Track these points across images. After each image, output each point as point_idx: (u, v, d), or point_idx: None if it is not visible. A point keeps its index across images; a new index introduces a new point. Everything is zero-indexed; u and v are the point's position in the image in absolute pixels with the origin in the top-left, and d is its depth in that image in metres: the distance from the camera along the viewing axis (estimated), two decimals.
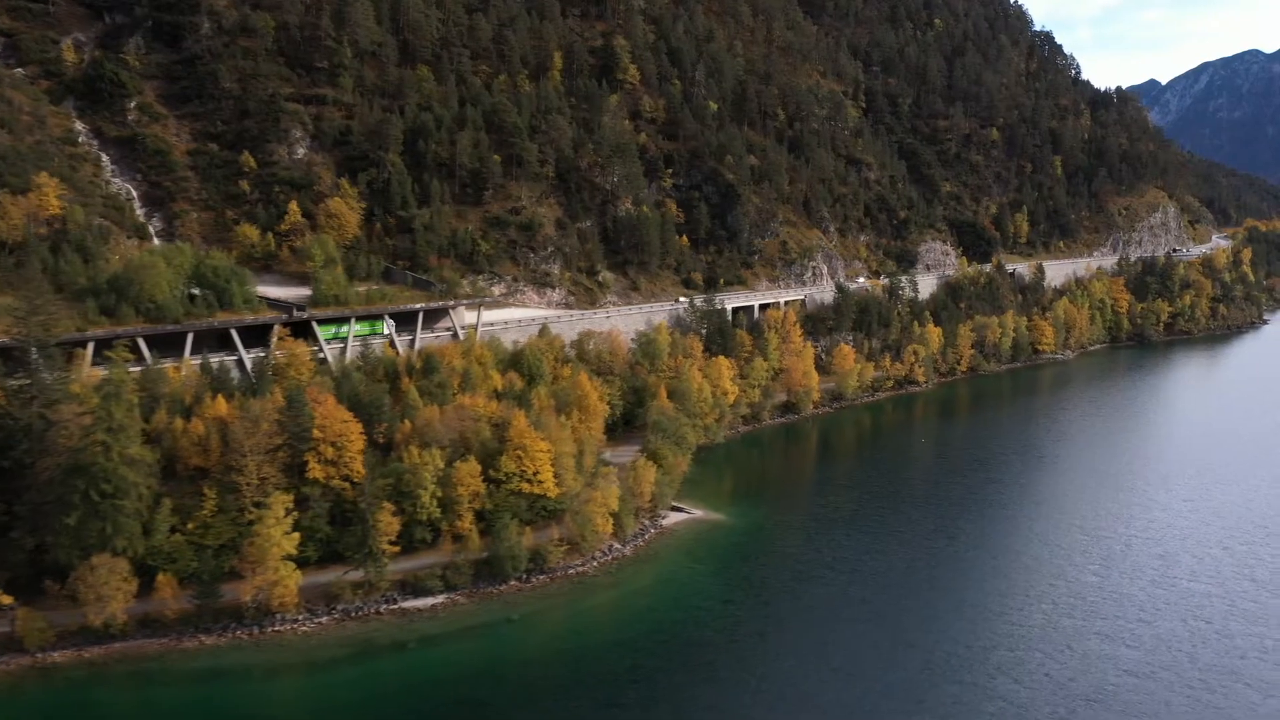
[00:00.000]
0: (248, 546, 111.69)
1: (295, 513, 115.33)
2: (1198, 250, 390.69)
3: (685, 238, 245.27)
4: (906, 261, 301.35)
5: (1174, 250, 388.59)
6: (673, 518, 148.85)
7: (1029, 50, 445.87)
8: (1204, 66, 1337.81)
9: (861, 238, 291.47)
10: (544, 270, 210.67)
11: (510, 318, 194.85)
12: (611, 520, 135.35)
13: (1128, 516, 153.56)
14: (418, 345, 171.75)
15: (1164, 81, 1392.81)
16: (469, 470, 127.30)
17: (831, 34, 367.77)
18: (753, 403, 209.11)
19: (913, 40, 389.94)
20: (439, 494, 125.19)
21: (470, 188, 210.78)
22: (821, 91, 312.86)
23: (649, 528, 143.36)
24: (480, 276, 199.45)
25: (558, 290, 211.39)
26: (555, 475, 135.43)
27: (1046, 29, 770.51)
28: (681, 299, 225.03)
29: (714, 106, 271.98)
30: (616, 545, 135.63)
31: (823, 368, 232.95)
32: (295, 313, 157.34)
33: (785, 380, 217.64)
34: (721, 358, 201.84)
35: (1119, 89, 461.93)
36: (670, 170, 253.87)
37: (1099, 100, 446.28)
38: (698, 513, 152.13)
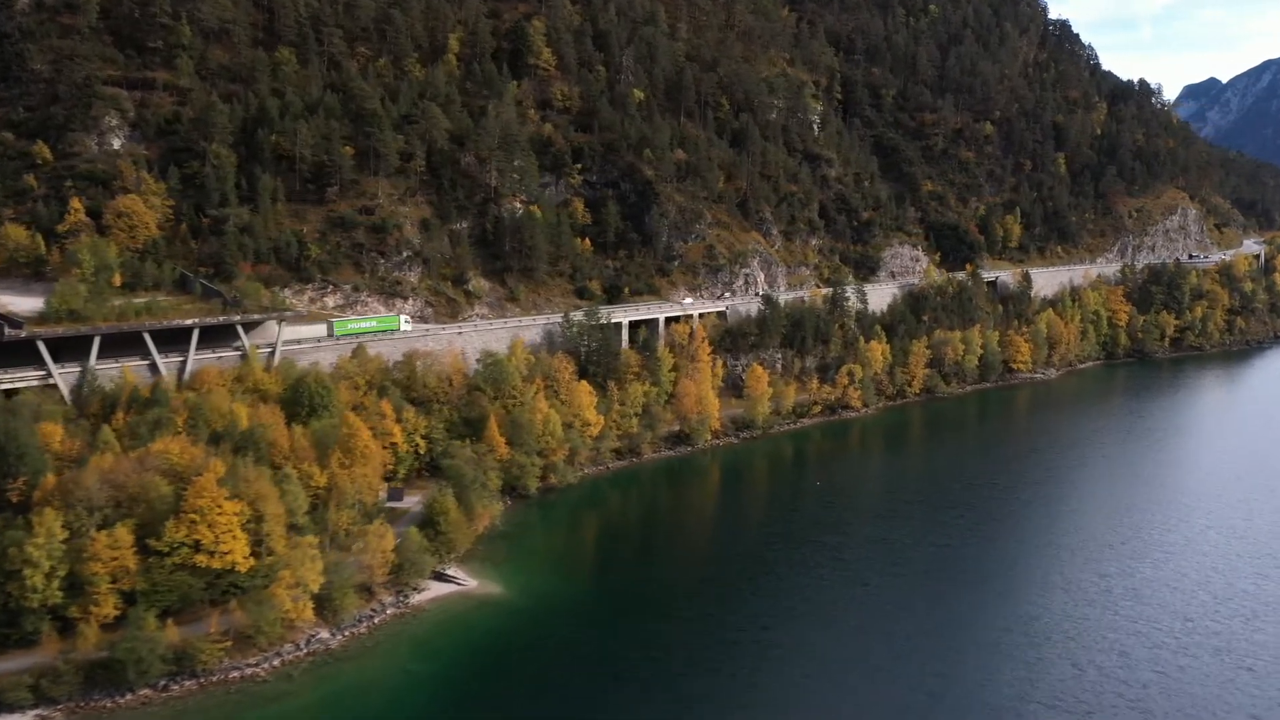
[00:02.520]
0: None
1: None
2: (1217, 257, 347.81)
3: (587, 241, 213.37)
4: (867, 268, 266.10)
5: (1190, 256, 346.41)
6: (432, 591, 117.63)
7: (1041, 40, 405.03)
8: (1265, 65, 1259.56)
9: (813, 241, 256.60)
10: (396, 278, 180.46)
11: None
12: (313, 603, 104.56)
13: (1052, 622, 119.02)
14: (190, 369, 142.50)
15: (1224, 80, 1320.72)
16: (113, 540, 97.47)
17: (810, 20, 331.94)
18: (630, 434, 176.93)
19: (903, 27, 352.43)
20: (63, 571, 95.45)
21: (313, 184, 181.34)
22: (779, 81, 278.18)
23: (387, 607, 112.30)
24: (310, 286, 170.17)
25: (412, 301, 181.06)
26: (258, 544, 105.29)
27: (1063, 18, 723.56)
28: (575, 312, 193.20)
29: (640, 95, 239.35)
30: (323, 634, 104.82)
31: (739, 391, 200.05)
32: (8, 331, 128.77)
33: (676, 407, 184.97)
34: (582, 382, 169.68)
35: (1141, 81, 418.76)
36: (579, 165, 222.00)
37: (1118, 94, 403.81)
38: (471, 584, 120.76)
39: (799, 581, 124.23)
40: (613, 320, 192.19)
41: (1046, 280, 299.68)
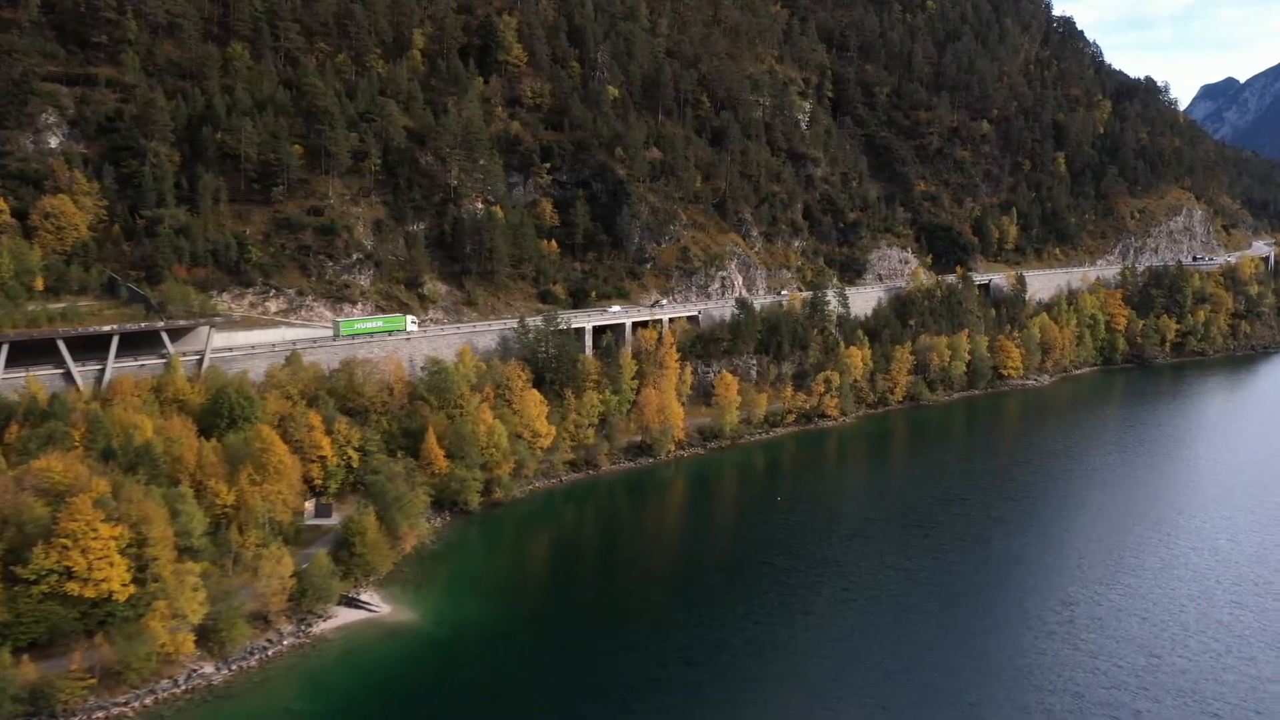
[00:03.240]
0: None
1: None
2: (1222, 259, 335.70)
3: (553, 243, 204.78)
4: (853, 271, 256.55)
5: (1194, 258, 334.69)
6: (339, 619, 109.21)
7: (1044, 37, 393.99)
8: None
9: (795, 243, 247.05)
10: (344, 282, 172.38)
11: (281, 340, 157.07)
12: (196, 634, 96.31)
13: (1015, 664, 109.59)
14: (109, 378, 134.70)
15: (1242, 80, 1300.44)
16: None
17: (802, 16, 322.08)
18: (587, 445, 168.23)
19: (899, 23, 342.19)
20: None
21: (259, 184, 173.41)
22: (764, 78, 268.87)
23: (285, 638, 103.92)
24: (250, 290, 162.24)
25: (361, 306, 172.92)
26: (142, 569, 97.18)
27: (1067, 14, 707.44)
28: (532, 317, 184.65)
29: (614, 92, 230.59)
30: (207, 669, 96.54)
31: (710, 399, 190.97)
32: None
33: (638, 416, 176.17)
34: (533, 391, 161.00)
35: (1147, 78, 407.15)
36: (548, 165, 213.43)
37: (1123, 92, 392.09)
38: (384, 610, 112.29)
39: (734, 610, 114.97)
40: (574, 325, 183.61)
41: (1043, 283, 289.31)
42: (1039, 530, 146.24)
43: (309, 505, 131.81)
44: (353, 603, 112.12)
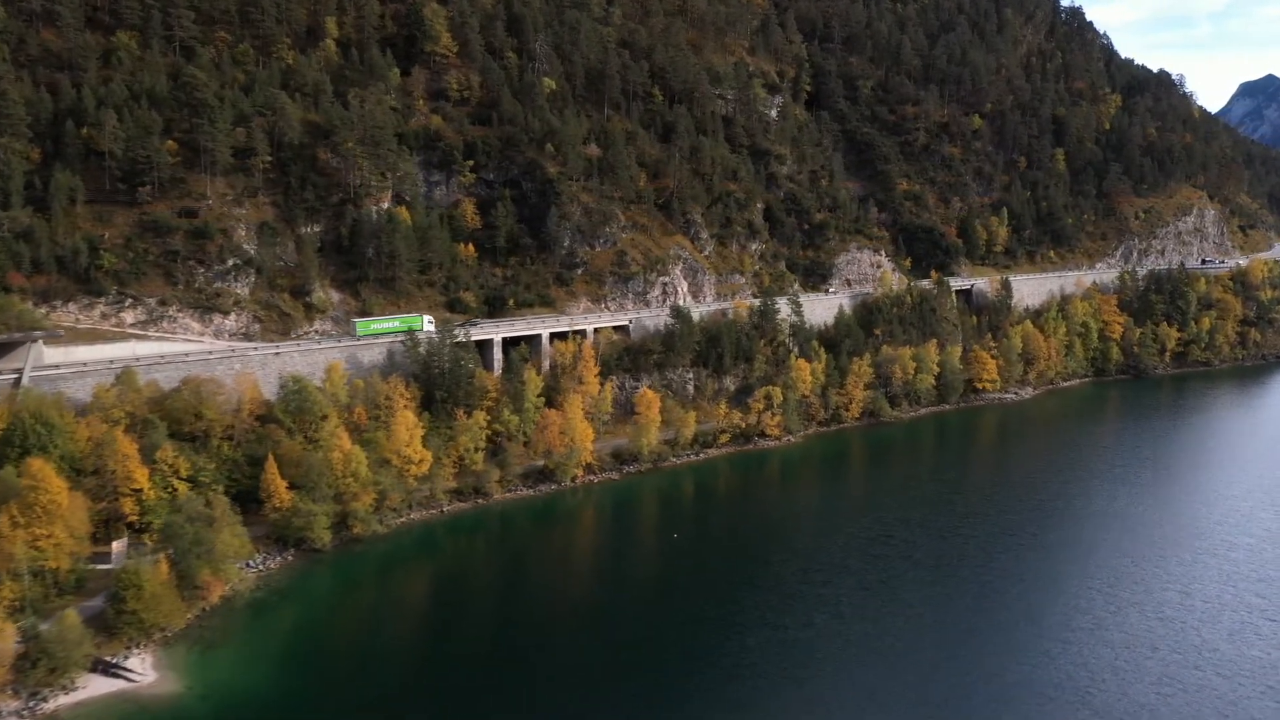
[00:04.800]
0: None
1: None
2: (1234, 261, 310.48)
3: (469, 246, 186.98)
4: (818, 276, 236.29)
5: (1203, 261, 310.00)
6: (87, 691, 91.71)
7: (1050, 29, 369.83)
8: None
9: (753, 247, 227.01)
10: (216, 290, 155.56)
11: (132, 355, 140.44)
12: None
13: None
14: None
15: None
16: None
17: (783, 6, 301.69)
18: (477, 471, 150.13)
19: (888, 13, 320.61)
20: None
21: (125, 183, 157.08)
22: (726, 70, 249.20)
23: (6, 717, 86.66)
24: (102, 300, 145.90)
25: (235, 316, 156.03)
26: None
27: (1076, 4, 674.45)
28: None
29: (551, 85, 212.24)
30: None
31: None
32: None
33: (539, 438, 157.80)
34: (406, 412, 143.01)
35: (1160, 71, 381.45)
36: (471, 162, 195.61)
37: (1134, 86, 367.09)
38: (147, 678, 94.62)
39: (565, 681, 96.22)
40: (478, 337, 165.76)
41: (1033, 288, 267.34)
42: (959, 582, 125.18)
43: (117, 546, 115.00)
44: (111, 670, 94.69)
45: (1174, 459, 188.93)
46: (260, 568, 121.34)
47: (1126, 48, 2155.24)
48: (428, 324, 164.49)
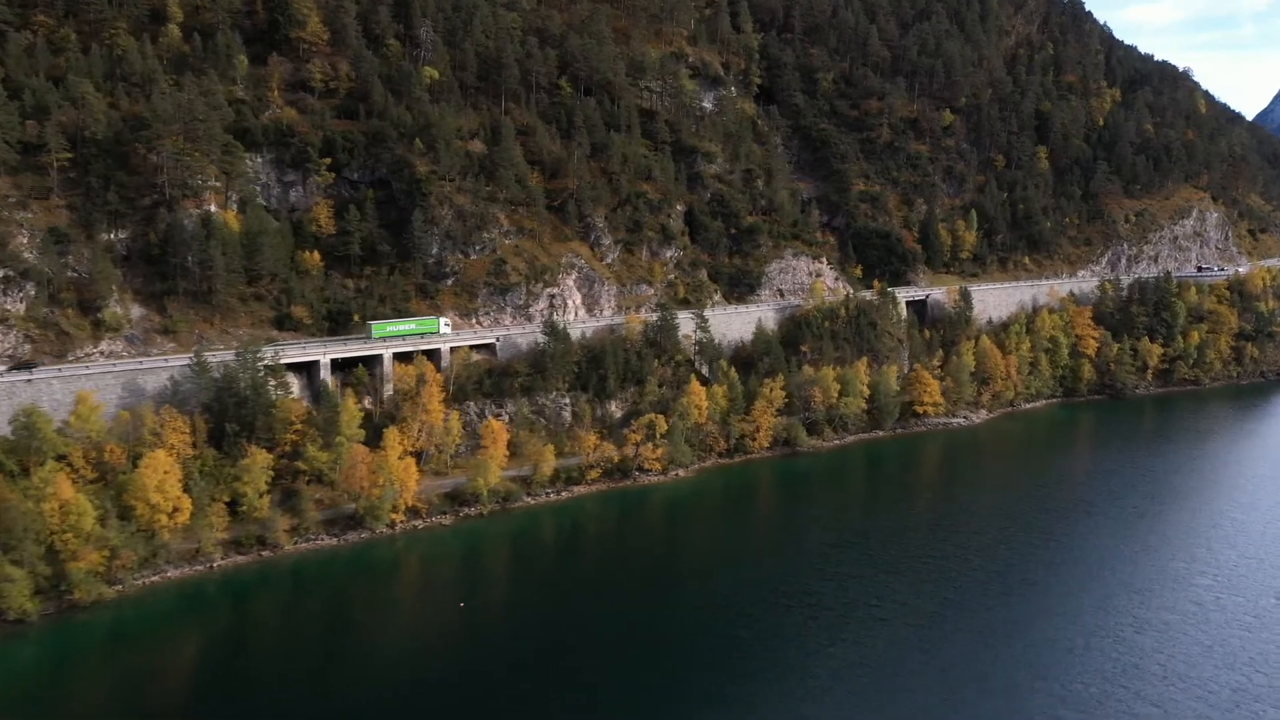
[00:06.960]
0: None
1: None
2: (1235, 269, 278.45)
3: (314, 254, 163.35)
4: (746, 286, 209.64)
5: (1200, 268, 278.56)
6: None
7: (1044, 19, 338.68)
8: None
9: (668, 254, 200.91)
10: None
11: None
12: None
13: None
14: None
15: None
16: None
17: None
18: (260, 519, 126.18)
19: (855, 1, 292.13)
20: None
21: None
22: (648, 61, 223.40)
23: None
24: None
25: (2, 335, 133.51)
26: None
27: None
28: (215, 350, 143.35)
29: (433, 74, 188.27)
30: None
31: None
32: None
33: (348, 479, 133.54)
34: (159, 453, 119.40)
35: (1164, 63, 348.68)
36: (328, 160, 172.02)
37: (1136, 80, 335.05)
38: None
39: None
40: (293, 360, 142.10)
41: (999, 299, 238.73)
42: (808, 673, 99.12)
43: None
44: None
45: (1136, 495, 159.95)
46: None
47: (1167, 47, 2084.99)
48: (444, 326, 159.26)
